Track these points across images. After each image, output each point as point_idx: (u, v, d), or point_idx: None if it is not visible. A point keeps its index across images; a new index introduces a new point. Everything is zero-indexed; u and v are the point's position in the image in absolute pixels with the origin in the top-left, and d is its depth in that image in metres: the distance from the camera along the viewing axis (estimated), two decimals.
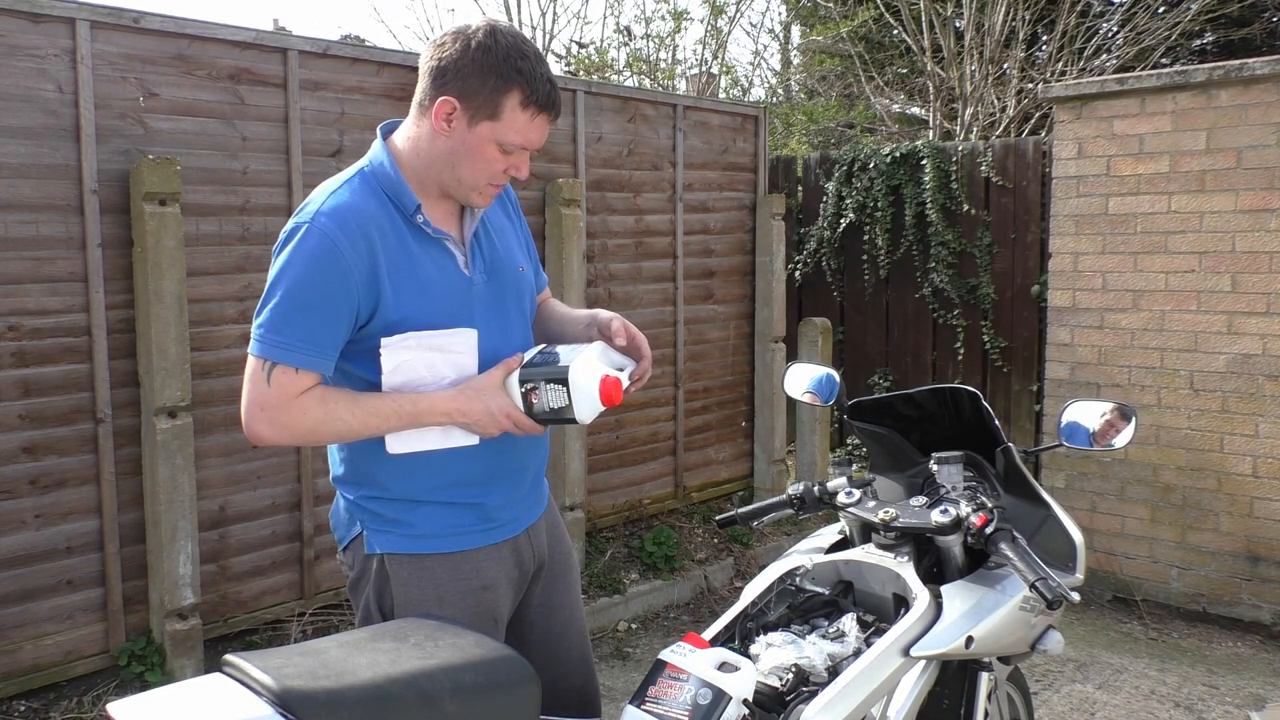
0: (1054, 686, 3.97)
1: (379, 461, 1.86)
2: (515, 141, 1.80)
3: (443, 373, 1.83)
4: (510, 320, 1.94)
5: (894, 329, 6.42)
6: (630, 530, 5.22)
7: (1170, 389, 4.67)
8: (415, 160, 1.84)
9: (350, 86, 3.99)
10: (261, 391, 1.73)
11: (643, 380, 1.96)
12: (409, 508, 1.87)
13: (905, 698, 1.88)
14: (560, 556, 2.10)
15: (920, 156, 6.04)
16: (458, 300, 1.85)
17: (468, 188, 1.84)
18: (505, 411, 1.81)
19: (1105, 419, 2.27)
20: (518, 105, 1.77)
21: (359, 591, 1.92)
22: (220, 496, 3.72)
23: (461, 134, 1.79)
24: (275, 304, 1.73)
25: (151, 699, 1.38)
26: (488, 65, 1.75)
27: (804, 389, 2.54)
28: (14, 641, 3.29)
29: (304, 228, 1.74)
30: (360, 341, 1.79)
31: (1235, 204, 4.45)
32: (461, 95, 1.77)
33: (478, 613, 1.88)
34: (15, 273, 3.24)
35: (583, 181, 4.80)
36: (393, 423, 1.79)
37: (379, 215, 1.79)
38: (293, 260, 1.73)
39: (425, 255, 1.83)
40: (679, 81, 10.88)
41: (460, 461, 1.87)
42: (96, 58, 3.35)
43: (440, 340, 1.82)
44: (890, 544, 2.08)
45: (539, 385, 1.81)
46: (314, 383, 1.76)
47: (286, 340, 1.72)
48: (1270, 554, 4.45)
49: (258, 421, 1.74)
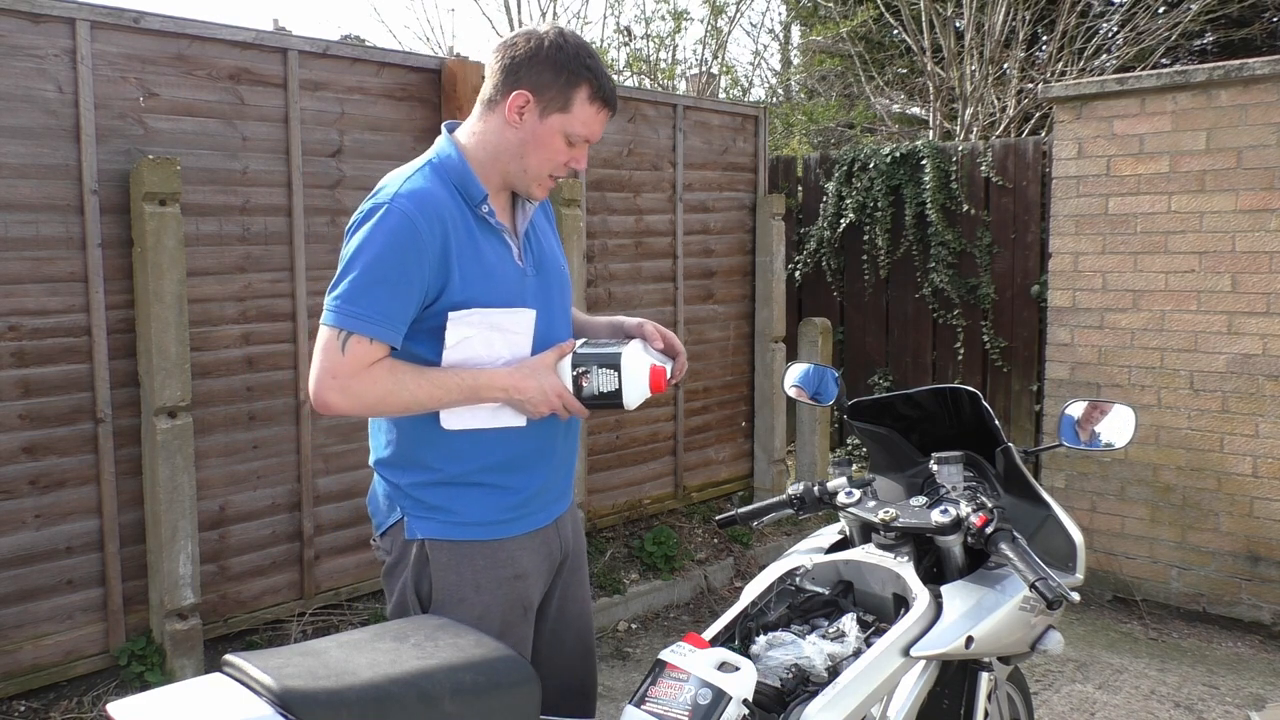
0: (1054, 686, 3.97)
1: (429, 443, 1.93)
2: (581, 133, 1.94)
3: (499, 352, 1.92)
4: (555, 312, 2.05)
5: (894, 329, 6.41)
6: (630, 530, 5.22)
7: (1170, 389, 4.67)
8: (481, 153, 1.95)
9: (350, 86, 3.99)
10: (335, 360, 1.80)
11: (681, 373, 2.09)
12: (453, 494, 1.94)
13: (905, 698, 1.89)
14: (578, 550, 2.19)
15: (920, 156, 6.04)
16: (516, 286, 1.95)
17: (532, 178, 1.96)
18: (557, 391, 1.91)
19: (1092, 403, 2.31)
20: (586, 99, 1.92)
21: (395, 577, 1.97)
22: (220, 496, 3.72)
23: (533, 125, 1.92)
24: (354, 278, 1.81)
25: (151, 699, 1.39)
26: (560, 62, 1.90)
27: (804, 389, 2.55)
28: (14, 641, 3.29)
29: (384, 208, 1.84)
30: (423, 320, 1.87)
31: (1235, 204, 4.45)
32: (535, 89, 1.90)
33: (511, 601, 1.96)
34: (15, 273, 3.24)
35: (583, 181, 4.80)
36: (455, 395, 1.87)
37: (449, 202, 1.89)
38: (372, 237, 1.82)
39: (487, 243, 1.93)
40: (679, 81, 10.88)
41: (506, 445, 1.95)
42: (96, 58, 3.35)
43: (501, 318, 1.91)
44: (890, 544, 2.08)
45: (591, 369, 1.93)
46: (384, 354, 1.83)
47: (363, 311, 1.79)
48: (1270, 554, 4.46)
49: (329, 390, 1.81)
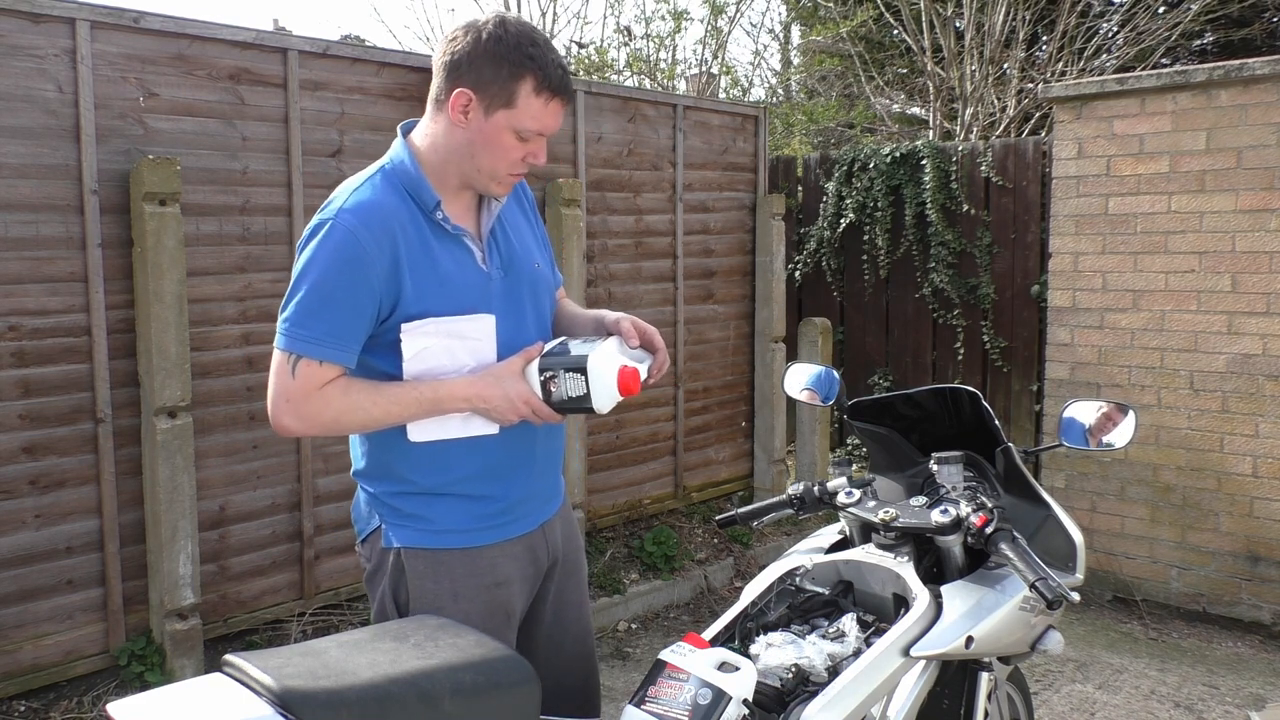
0: (1054, 686, 3.97)
1: (401, 455, 1.89)
2: (531, 128, 1.83)
3: (463, 360, 1.86)
4: (526, 314, 1.97)
5: (894, 329, 6.41)
6: (630, 530, 5.22)
7: (1170, 389, 4.67)
8: (434, 156, 1.88)
9: (350, 86, 3.99)
10: (286, 384, 1.77)
11: (661, 371, 1.99)
12: (429, 502, 1.89)
13: (905, 698, 1.89)
14: (572, 554, 2.13)
15: (920, 156, 6.04)
16: (476, 293, 1.88)
17: (487, 177, 1.87)
18: (524, 398, 1.84)
19: (1102, 412, 2.28)
20: (531, 92, 1.81)
21: (375, 584, 1.95)
22: (220, 496, 3.72)
23: (478, 124, 1.82)
24: (300, 299, 1.77)
25: (151, 699, 1.38)
26: (500, 54, 1.79)
27: (804, 389, 2.55)
28: (14, 641, 3.29)
29: (328, 224, 1.78)
30: (381, 335, 1.83)
31: (1235, 204, 4.45)
32: (476, 86, 1.80)
33: (491, 608, 1.91)
34: (15, 273, 3.24)
35: (583, 181, 4.80)
36: (414, 410, 1.82)
37: (400, 211, 1.83)
38: (316, 256, 1.77)
39: (444, 250, 1.86)
40: (679, 81, 10.88)
41: (481, 454, 1.90)
42: (96, 58, 3.35)
43: (458, 326, 1.84)
44: (890, 544, 2.08)
45: (558, 374, 1.84)
46: (337, 374, 1.79)
47: (310, 334, 1.76)
48: (1270, 554, 4.45)
49: (283, 413, 1.79)
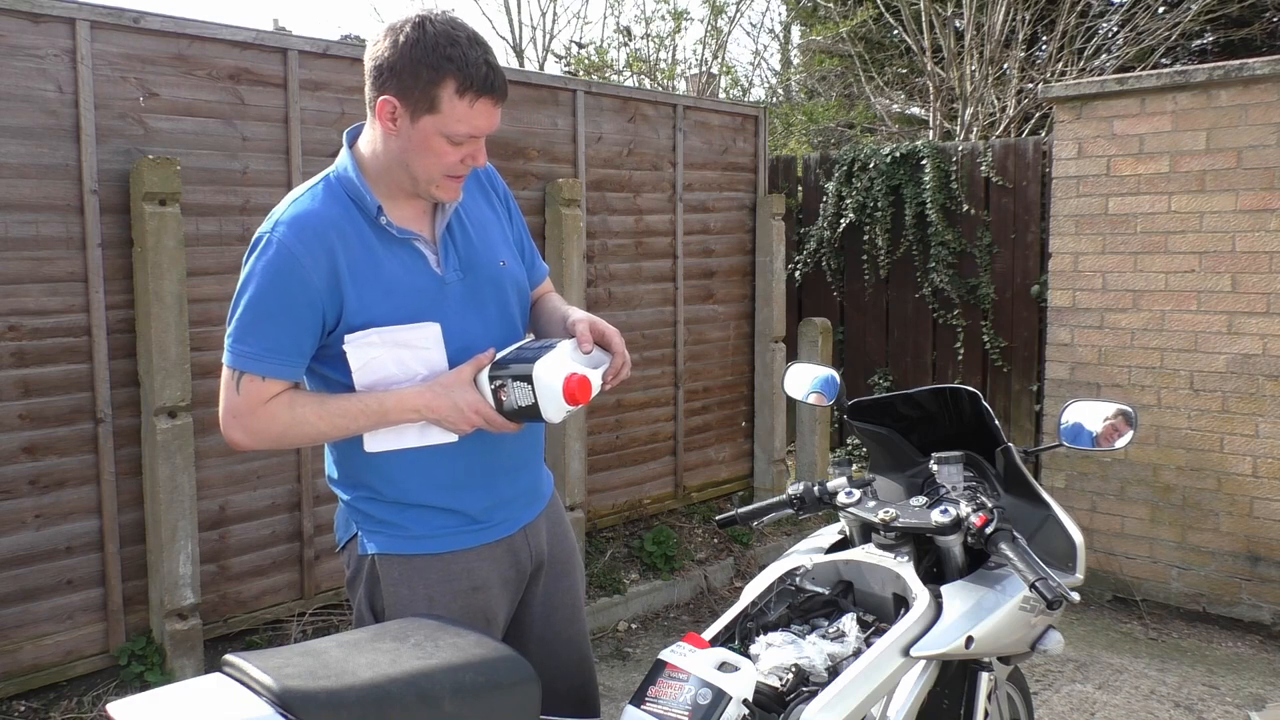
0: (1054, 686, 3.97)
1: (364, 464, 1.87)
2: (460, 131, 1.75)
3: (414, 369, 1.82)
4: (489, 316, 1.91)
5: (894, 329, 6.41)
6: (630, 530, 5.22)
7: (1170, 389, 4.67)
8: (375, 163, 1.83)
9: (350, 86, 3.99)
10: (232, 399, 1.78)
11: (619, 376, 1.89)
12: (399, 509, 1.88)
13: (905, 698, 1.88)
14: (563, 556, 2.08)
15: (920, 156, 6.04)
16: (427, 299, 1.83)
17: (425, 183, 1.81)
18: (474, 407, 1.78)
19: (1108, 423, 2.27)
20: (454, 94, 1.72)
21: (354, 590, 1.94)
22: (220, 496, 3.72)
23: (407, 131, 1.76)
24: (239, 315, 1.78)
25: (151, 699, 1.38)
26: (417, 58, 1.71)
27: (804, 389, 2.54)
28: (14, 641, 3.29)
29: (264, 239, 1.77)
30: (330, 345, 1.81)
31: (1235, 204, 4.45)
32: (399, 93, 1.73)
33: (468, 614, 1.87)
34: (15, 273, 3.24)
35: (583, 181, 4.80)
36: (361, 422, 1.80)
37: (340, 220, 1.79)
38: (253, 272, 1.77)
39: (391, 257, 1.82)
40: (679, 81, 10.88)
41: (444, 464, 1.86)
42: (96, 58, 3.35)
43: (403, 335, 1.80)
44: (890, 544, 2.08)
45: (507, 383, 1.78)
46: (281, 389, 1.79)
47: (251, 350, 1.76)
48: (1270, 554, 4.45)
49: (231, 428, 1.80)
